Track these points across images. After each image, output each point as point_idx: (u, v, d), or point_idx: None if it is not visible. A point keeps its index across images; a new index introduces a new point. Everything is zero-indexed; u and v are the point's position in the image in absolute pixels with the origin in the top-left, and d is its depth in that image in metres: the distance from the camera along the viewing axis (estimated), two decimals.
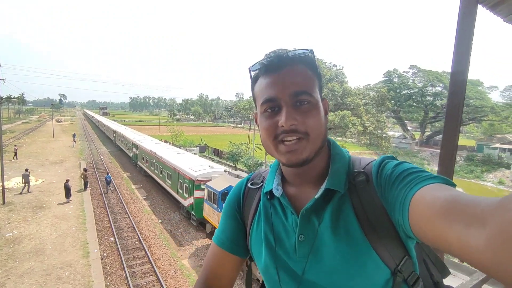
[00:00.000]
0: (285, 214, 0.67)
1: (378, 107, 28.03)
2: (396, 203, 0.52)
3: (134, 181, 19.56)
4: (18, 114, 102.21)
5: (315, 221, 0.62)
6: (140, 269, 9.07)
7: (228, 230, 0.78)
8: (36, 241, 10.09)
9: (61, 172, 19.69)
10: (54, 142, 35.18)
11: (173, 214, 13.85)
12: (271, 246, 0.67)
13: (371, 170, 0.61)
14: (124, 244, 10.56)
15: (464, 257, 0.37)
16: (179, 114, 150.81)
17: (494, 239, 0.32)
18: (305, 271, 0.62)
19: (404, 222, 0.50)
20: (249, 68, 0.67)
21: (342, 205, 0.61)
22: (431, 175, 0.51)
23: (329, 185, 0.61)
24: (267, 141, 0.62)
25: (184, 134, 38.93)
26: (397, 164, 0.58)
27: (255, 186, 0.77)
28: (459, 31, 1.02)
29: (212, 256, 0.79)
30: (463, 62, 1.01)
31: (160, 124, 69.02)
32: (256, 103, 0.66)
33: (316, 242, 0.61)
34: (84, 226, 11.53)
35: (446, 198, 0.42)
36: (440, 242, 0.41)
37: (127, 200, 15.18)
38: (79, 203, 13.92)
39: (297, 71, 0.60)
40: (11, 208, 12.81)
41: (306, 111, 0.59)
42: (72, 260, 9.03)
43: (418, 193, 0.47)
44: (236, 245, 0.77)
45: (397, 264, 0.57)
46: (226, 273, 0.78)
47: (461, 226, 0.37)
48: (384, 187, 0.57)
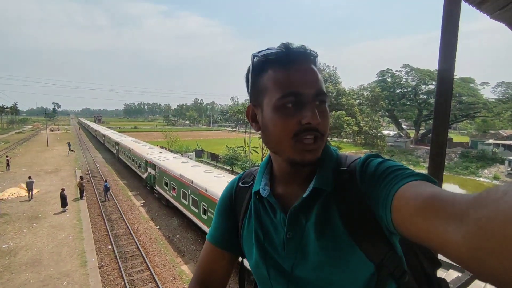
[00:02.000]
0: (274, 212, 0.68)
1: (373, 106, 28.27)
2: (379, 200, 0.54)
3: (131, 188, 19.41)
4: (11, 124, 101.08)
5: (302, 219, 0.63)
6: (139, 276, 8.99)
7: (221, 228, 0.80)
8: (33, 252, 9.96)
9: (56, 181, 19.50)
10: (48, 151, 34.83)
11: (170, 220, 13.75)
12: (261, 243, 0.69)
13: (356, 167, 0.62)
14: (122, 251, 10.46)
15: (443, 252, 0.38)
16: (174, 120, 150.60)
17: (470, 235, 0.32)
18: (294, 267, 0.63)
19: (387, 219, 0.51)
20: (253, 54, 0.63)
21: (328, 203, 0.62)
22: (413, 173, 0.52)
23: (317, 184, 0.62)
24: (283, 137, 0.59)
25: (180, 139, 38.85)
26: (380, 162, 0.59)
27: (245, 184, 0.79)
28: (444, 29, 1.04)
29: (206, 254, 0.80)
30: (449, 59, 1.04)
31: (156, 130, 68.80)
32: (261, 95, 0.62)
33: (303, 240, 0.63)
34: (81, 235, 11.40)
35: (427, 195, 0.43)
36: (422, 238, 0.42)
37: (124, 208, 15.05)
38: (76, 212, 13.77)
39: (316, 70, 0.60)
40: (6, 220, 12.63)
41: (324, 111, 0.59)
42: (70, 270, 8.91)
43: (400, 190, 0.49)
44: (229, 242, 0.78)
45: (381, 259, 0.58)
46: (220, 270, 0.79)
47: (440, 222, 0.38)
48: (368, 184, 0.58)
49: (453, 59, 1.04)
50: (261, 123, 0.65)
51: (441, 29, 1.05)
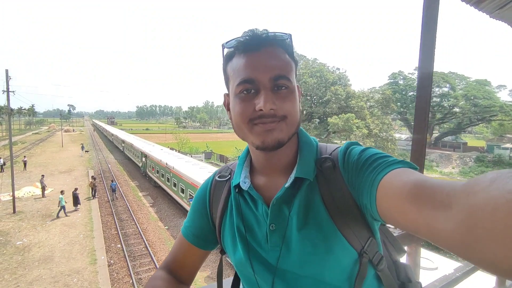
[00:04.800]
0: (256, 204, 0.66)
1: (383, 109, 27.86)
2: (363, 188, 0.53)
3: (141, 188, 19.75)
4: (28, 125, 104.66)
5: (285, 210, 0.62)
6: (146, 275, 9.11)
7: (194, 224, 0.79)
8: (45, 249, 10.26)
9: (69, 181, 20.03)
10: (63, 152, 35.83)
11: (179, 220, 13.91)
12: (244, 237, 0.67)
13: (337, 156, 0.62)
14: (131, 251, 10.64)
15: (432, 239, 0.38)
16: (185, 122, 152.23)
17: (460, 222, 0.33)
18: (279, 260, 0.62)
19: (371, 206, 0.51)
20: (222, 44, 0.63)
21: (311, 192, 0.61)
22: (396, 160, 0.52)
23: (298, 174, 0.61)
24: (241, 124, 0.59)
25: (190, 141, 39.25)
26: (363, 150, 0.59)
27: (222, 178, 0.76)
28: (424, 26, 1.06)
29: (179, 245, 0.80)
30: (428, 56, 1.05)
31: (167, 132, 69.69)
32: (229, 83, 0.63)
33: (287, 231, 0.61)
34: (92, 233, 11.67)
35: (413, 183, 0.43)
36: (409, 226, 0.43)
37: (133, 208, 15.33)
38: (87, 211, 14.11)
39: (276, 54, 0.58)
40: (21, 217, 13.06)
41: (284, 96, 0.57)
42: (80, 267, 9.14)
43: (385, 178, 0.49)
44: (201, 239, 0.78)
45: (363, 246, 0.59)
46: (190, 264, 0.80)
47: (428, 209, 0.38)
48: (350, 172, 0.58)
49: (432, 56, 1.05)
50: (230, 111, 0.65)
51: (421, 27, 1.06)
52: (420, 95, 1.07)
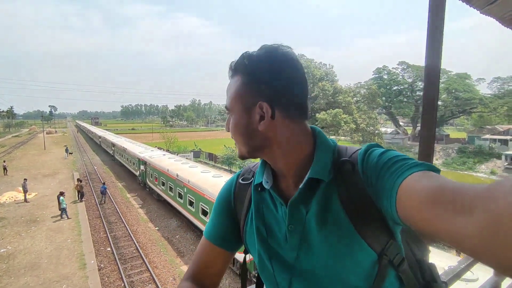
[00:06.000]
0: (275, 205, 0.68)
1: (369, 104, 28.35)
2: (383, 191, 0.53)
3: (129, 190, 19.39)
4: (8, 128, 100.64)
5: (303, 211, 0.63)
6: (138, 278, 8.98)
7: (219, 225, 0.79)
8: (31, 255, 9.93)
9: (54, 184, 19.43)
10: (45, 154, 34.71)
11: (169, 221, 13.75)
12: (263, 238, 0.69)
13: (357, 158, 0.62)
14: (122, 253, 10.44)
15: (453, 243, 0.38)
16: (172, 121, 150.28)
17: (483, 227, 0.33)
18: (297, 259, 0.64)
19: (391, 210, 0.51)
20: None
21: (328, 193, 0.62)
22: (417, 163, 0.52)
23: (312, 174, 0.62)
24: None
25: (177, 140, 38.80)
26: (382, 152, 0.59)
27: (246, 181, 0.78)
28: (430, 24, 1.06)
29: (202, 250, 0.80)
30: (435, 55, 1.05)
31: (154, 132, 68.68)
32: None
33: (305, 231, 0.63)
34: (80, 237, 11.38)
35: (433, 186, 0.43)
36: (429, 230, 0.43)
37: (122, 209, 15.03)
38: (74, 215, 13.73)
39: (230, 85, 0.68)
40: (4, 224, 12.59)
41: (228, 121, 0.70)
42: (69, 273, 8.90)
43: (405, 181, 0.48)
44: (226, 239, 0.78)
45: (383, 248, 0.59)
46: (215, 267, 0.79)
47: (449, 214, 0.38)
48: (370, 175, 0.58)
49: (439, 55, 1.05)
50: None
51: (427, 25, 1.06)
52: (427, 90, 1.08)
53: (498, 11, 2.12)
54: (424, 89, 1.10)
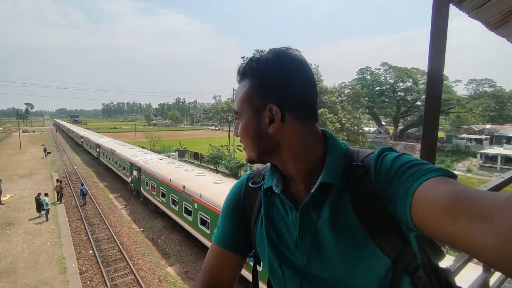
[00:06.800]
0: (285, 210, 0.67)
1: (354, 104, 28.93)
2: (397, 197, 0.52)
3: (112, 190, 18.86)
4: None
5: (314, 216, 0.62)
6: (122, 280, 8.76)
7: (229, 229, 0.77)
8: (7, 260, 9.48)
9: (31, 185, 18.63)
10: (22, 154, 33.21)
11: (154, 221, 13.49)
12: (274, 243, 0.68)
13: (369, 163, 0.61)
14: (104, 256, 10.16)
15: (470, 252, 0.38)
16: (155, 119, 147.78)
17: (502, 238, 0.32)
18: (308, 265, 0.63)
19: (406, 217, 0.50)
20: None
21: (341, 198, 0.61)
22: (432, 168, 0.50)
23: (324, 179, 0.60)
24: None
25: (162, 139, 38.15)
26: (396, 156, 0.57)
27: (255, 185, 0.76)
28: (433, 29, 1.06)
29: (212, 256, 0.77)
30: (438, 60, 1.06)
31: (137, 130, 67.18)
32: None
33: (316, 237, 0.62)
34: (60, 240, 10.97)
35: (450, 193, 0.42)
36: (445, 238, 0.42)
37: (104, 210, 14.62)
38: (53, 217, 13.22)
39: (239, 89, 0.67)
40: None
41: (237, 125, 0.69)
42: (48, 277, 8.56)
43: (420, 187, 0.47)
44: (237, 243, 0.76)
45: (397, 254, 0.57)
46: (227, 273, 0.76)
47: (466, 222, 0.37)
48: (383, 180, 0.56)
49: (442, 59, 1.06)
50: None
51: (431, 28, 1.07)
52: (430, 91, 1.08)
53: (485, 15, 2.19)
54: (427, 91, 1.11)
